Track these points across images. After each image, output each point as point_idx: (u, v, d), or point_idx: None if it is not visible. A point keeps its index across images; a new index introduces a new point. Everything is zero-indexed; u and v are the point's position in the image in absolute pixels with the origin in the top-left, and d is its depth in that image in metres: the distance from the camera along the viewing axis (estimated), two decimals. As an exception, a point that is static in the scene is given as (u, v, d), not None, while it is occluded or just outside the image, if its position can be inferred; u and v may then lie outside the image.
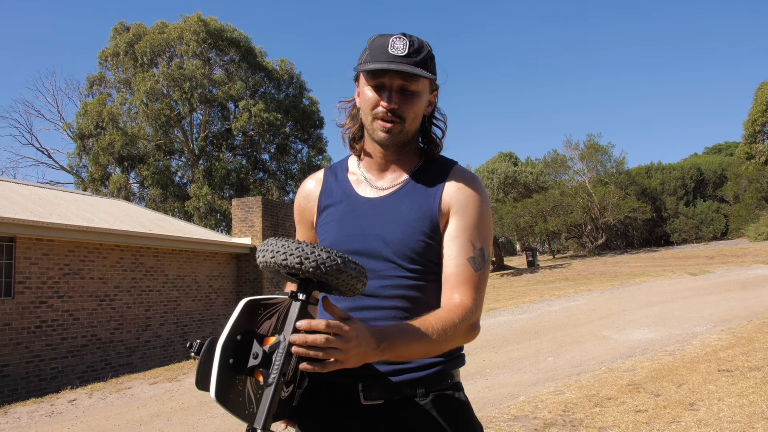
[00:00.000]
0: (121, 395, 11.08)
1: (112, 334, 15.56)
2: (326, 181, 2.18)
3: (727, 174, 47.94)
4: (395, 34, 1.92)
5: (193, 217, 39.03)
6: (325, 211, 2.11)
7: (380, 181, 2.07)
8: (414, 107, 1.95)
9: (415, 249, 1.92)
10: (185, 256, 18.60)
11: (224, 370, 1.61)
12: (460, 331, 1.78)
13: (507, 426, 6.50)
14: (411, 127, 1.98)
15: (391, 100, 1.91)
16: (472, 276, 1.87)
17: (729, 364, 8.63)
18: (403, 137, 1.98)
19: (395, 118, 1.93)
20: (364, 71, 1.95)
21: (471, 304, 1.83)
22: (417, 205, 1.95)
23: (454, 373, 1.99)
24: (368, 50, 1.95)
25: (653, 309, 14.92)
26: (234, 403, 1.63)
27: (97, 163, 41.10)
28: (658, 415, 6.33)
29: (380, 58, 1.89)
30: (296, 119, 43.65)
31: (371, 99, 1.95)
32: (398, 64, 1.87)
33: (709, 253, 34.15)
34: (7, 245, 13.14)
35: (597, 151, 45.63)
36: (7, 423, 9.72)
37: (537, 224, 40.92)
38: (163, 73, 39.24)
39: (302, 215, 2.21)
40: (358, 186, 2.09)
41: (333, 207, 2.09)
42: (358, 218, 2.01)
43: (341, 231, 2.02)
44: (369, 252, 1.95)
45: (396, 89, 1.92)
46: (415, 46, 1.91)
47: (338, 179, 2.15)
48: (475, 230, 1.92)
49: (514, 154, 56.85)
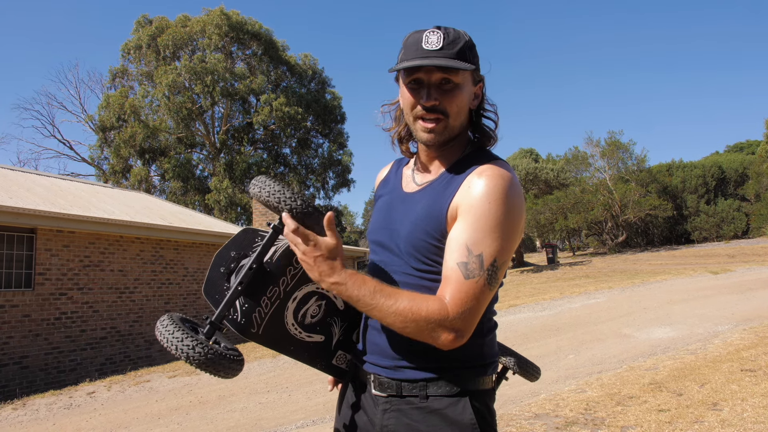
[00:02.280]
0: (140, 388, 11.11)
1: (132, 326, 15.60)
2: (389, 172, 2.25)
3: (748, 172, 47.45)
4: (429, 29, 1.86)
5: (214, 210, 39.15)
6: (378, 200, 2.19)
7: (420, 177, 2.05)
8: (456, 100, 1.88)
9: (418, 248, 1.88)
10: (205, 249, 18.63)
11: (215, 274, 1.99)
12: (422, 324, 1.71)
13: (528, 424, 6.44)
14: (456, 122, 1.92)
15: (431, 97, 1.86)
16: (460, 282, 1.73)
17: (752, 363, 8.52)
18: (448, 134, 1.92)
19: (438, 115, 1.88)
20: (400, 70, 1.91)
21: (451, 309, 1.71)
22: (431, 203, 1.89)
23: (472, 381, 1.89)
24: (403, 49, 1.91)
25: (674, 307, 14.79)
26: (217, 302, 1.95)
27: (119, 155, 41.30)
28: (681, 414, 6.25)
29: (414, 54, 1.85)
30: (318, 114, 43.66)
31: (409, 99, 1.91)
32: (432, 58, 1.82)
33: (730, 251, 33.84)
34: (28, 236, 13.20)
35: (618, 148, 45.30)
36: (26, 415, 9.77)
37: (557, 221, 40.71)
38: (185, 67, 39.37)
39: (376, 200, 2.27)
40: (405, 180, 2.11)
41: (382, 198, 2.16)
42: (389, 211, 2.04)
43: (375, 222, 2.09)
44: (386, 245, 1.98)
45: (434, 84, 1.87)
46: (451, 38, 1.85)
47: (397, 172, 2.18)
48: (474, 233, 1.76)
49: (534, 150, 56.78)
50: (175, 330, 1.76)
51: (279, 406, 8.68)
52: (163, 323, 1.81)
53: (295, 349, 2.08)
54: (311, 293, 2.08)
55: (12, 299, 12.75)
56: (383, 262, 1.98)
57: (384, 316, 1.74)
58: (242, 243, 2.01)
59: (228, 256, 1.99)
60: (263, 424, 7.94)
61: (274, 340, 2.04)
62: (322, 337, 2.12)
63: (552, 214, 40.66)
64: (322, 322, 2.11)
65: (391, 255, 1.94)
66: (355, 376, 2.08)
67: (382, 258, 2.00)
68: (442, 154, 2.01)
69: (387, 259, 1.96)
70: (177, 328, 1.77)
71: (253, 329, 1.99)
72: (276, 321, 2.03)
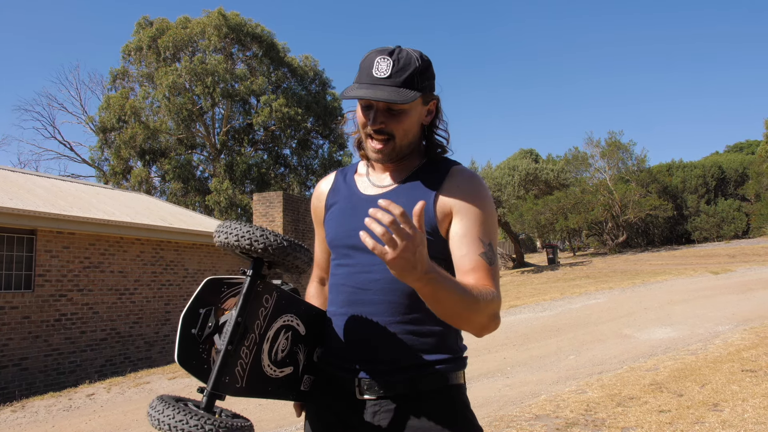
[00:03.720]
0: (140, 390, 11.10)
1: (132, 328, 15.61)
2: (335, 182, 2.27)
3: (748, 172, 47.39)
4: (383, 53, 1.93)
5: (214, 211, 39.11)
6: (330, 208, 2.20)
7: (381, 180, 2.12)
8: (402, 125, 1.98)
9: None
10: (205, 250, 18.63)
11: (185, 338, 1.79)
12: (490, 308, 1.79)
13: (528, 425, 6.43)
14: (403, 141, 2.02)
15: (376, 121, 1.96)
16: (488, 269, 1.89)
17: (753, 364, 8.51)
18: (396, 153, 2.03)
19: (385, 136, 1.98)
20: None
21: (495, 291, 1.84)
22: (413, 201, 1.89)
23: (454, 375, 1.99)
24: (359, 70, 1.98)
25: (675, 307, 14.78)
26: (197, 368, 1.79)
27: (119, 156, 41.28)
28: (682, 415, 6.24)
29: (364, 80, 1.93)
30: (318, 115, 43.63)
31: (361, 118, 2.03)
32: (377, 88, 1.89)
33: (730, 251, 33.81)
34: (28, 238, 13.20)
35: (618, 148, 45.24)
36: (25, 417, 9.76)
37: (558, 221, 40.67)
38: (185, 68, 39.36)
39: (315, 215, 2.31)
40: (363, 185, 2.15)
41: (337, 204, 2.17)
42: (358, 214, 2.04)
43: (341, 226, 2.09)
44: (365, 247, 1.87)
45: (381, 109, 1.95)
46: (401, 65, 1.92)
47: (346, 180, 2.23)
48: (481, 227, 1.94)
49: (534, 151, 56.86)
50: (174, 412, 1.63)
51: (278, 407, 8.66)
52: (157, 409, 1.67)
53: (272, 389, 1.98)
54: (280, 328, 2.00)
55: (12, 301, 12.74)
56: (361, 265, 2.00)
57: (463, 311, 1.74)
58: (208, 297, 1.86)
59: (197, 315, 1.82)
60: (263, 426, 7.93)
61: (255, 388, 1.92)
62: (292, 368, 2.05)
63: (552, 214, 40.61)
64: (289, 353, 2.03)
65: (371, 255, 1.93)
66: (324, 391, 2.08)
67: (359, 261, 2.01)
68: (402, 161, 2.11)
69: (365, 260, 1.98)
70: (175, 409, 1.64)
71: (237, 384, 1.86)
72: (255, 368, 1.92)
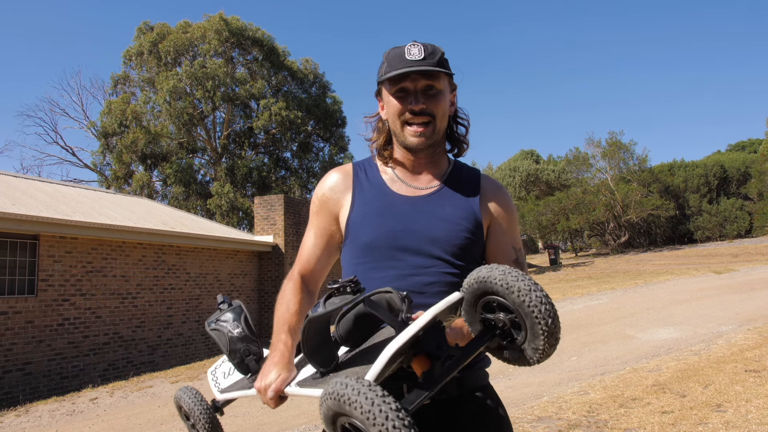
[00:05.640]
0: (143, 394, 11.11)
1: (134, 332, 15.62)
2: (357, 177, 2.20)
3: (750, 171, 47.38)
4: (408, 44, 2.01)
5: (216, 215, 39.11)
6: (358, 208, 2.12)
7: (415, 182, 2.14)
8: (441, 104, 2.03)
9: (461, 246, 2.01)
10: (207, 254, 18.65)
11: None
12: None
13: (531, 427, 6.43)
14: (441, 124, 2.07)
15: (419, 101, 2.00)
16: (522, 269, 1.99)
17: (756, 364, 8.51)
18: (435, 137, 2.07)
19: (427, 118, 2.01)
20: (386, 81, 2.03)
21: None
22: (460, 204, 2.07)
23: (487, 373, 2.12)
24: (386, 62, 2.04)
25: (678, 308, 14.77)
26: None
27: (121, 161, 41.29)
28: (685, 416, 6.24)
29: (400, 65, 1.98)
30: (318, 118, 43.61)
31: (397, 107, 2.03)
32: (419, 65, 1.96)
33: (733, 251, 33.79)
34: (31, 243, 13.22)
35: (619, 148, 45.30)
36: (29, 422, 9.77)
37: (559, 222, 40.73)
38: (186, 72, 39.37)
39: (325, 206, 2.19)
40: (393, 184, 2.14)
41: (368, 204, 2.11)
42: (399, 214, 2.05)
43: (383, 226, 2.05)
44: (416, 249, 2.01)
45: (420, 90, 2.00)
46: (429, 50, 2.01)
47: (369, 176, 2.19)
48: (514, 235, 2.14)
49: (535, 151, 56.82)
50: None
51: (281, 410, 8.66)
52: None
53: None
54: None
55: (15, 306, 12.76)
56: (411, 267, 2.00)
57: None
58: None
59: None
60: (265, 429, 7.94)
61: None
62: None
63: (554, 215, 40.68)
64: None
65: (422, 258, 1.99)
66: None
67: (409, 263, 2.01)
68: (431, 161, 2.15)
69: (418, 261, 2.00)
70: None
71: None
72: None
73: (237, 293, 19.86)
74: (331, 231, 2.17)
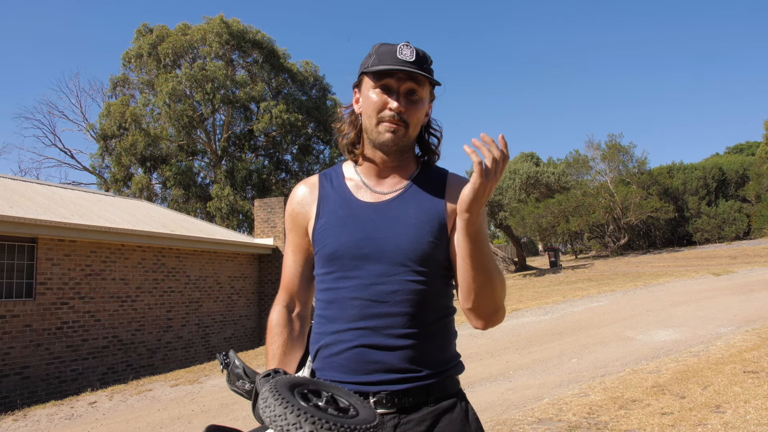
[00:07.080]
0: (142, 397, 11.09)
1: (134, 335, 15.60)
2: (322, 187, 2.14)
3: (748, 174, 47.37)
4: (401, 43, 1.97)
5: (215, 217, 39.13)
6: (323, 217, 2.06)
7: (380, 186, 2.08)
8: (418, 113, 1.99)
9: (424, 251, 1.93)
10: (207, 256, 18.64)
11: None
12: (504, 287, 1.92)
13: (531, 429, 6.42)
14: (413, 133, 2.03)
15: (400, 103, 1.95)
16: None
17: (755, 365, 8.50)
18: (406, 142, 2.02)
19: (402, 123, 1.97)
20: (370, 73, 1.98)
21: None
22: (425, 207, 1.99)
23: (458, 380, 2.02)
24: (375, 55, 1.99)
25: (677, 309, 14.75)
26: None
27: (120, 163, 41.32)
28: (684, 417, 6.23)
29: (390, 62, 1.94)
30: (319, 120, 43.61)
31: (377, 101, 1.98)
32: (410, 66, 1.93)
33: (732, 252, 33.76)
34: (29, 246, 13.20)
35: (619, 151, 45.28)
36: (27, 426, 9.74)
37: (559, 224, 40.64)
38: (185, 74, 39.38)
39: (295, 221, 2.15)
40: (357, 191, 2.08)
41: (333, 214, 2.05)
42: (361, 222, 1.99)
43: (345, 236, 1.98)
44: (379, 256, 1.93)
45: (403, 93, 1.96)
46: (421, 55, 1.97)
47: (335, 185, 2.13)
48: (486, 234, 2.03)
49: (535, 154, 56.59)
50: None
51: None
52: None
53: None
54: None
55: (13, 309, 12.75)
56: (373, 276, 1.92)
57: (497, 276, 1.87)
58: None
59: None
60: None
61: None
62: None
63: (554, 217, 40.58)
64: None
65: (385, 265, 1.91)
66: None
67: (371, 272, 1.92)
68: (400, 164, 2.09)
69: (380, 270, 1.91)
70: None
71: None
72: None
73: (237, 296, 19.85)
74: (306, 245, 2.12)
